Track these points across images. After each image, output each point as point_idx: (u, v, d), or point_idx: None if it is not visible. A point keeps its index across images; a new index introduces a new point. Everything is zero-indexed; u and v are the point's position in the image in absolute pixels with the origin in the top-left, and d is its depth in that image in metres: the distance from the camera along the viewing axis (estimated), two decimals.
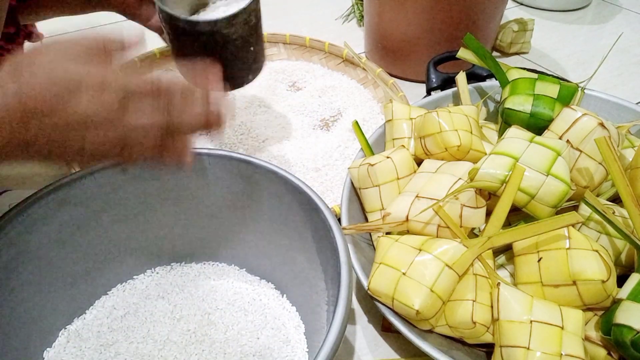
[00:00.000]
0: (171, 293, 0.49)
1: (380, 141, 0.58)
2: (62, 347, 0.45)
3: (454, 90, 0.63)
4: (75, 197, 0.45)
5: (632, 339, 0.35)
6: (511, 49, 0.94)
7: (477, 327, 0.39)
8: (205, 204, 0.49)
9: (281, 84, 0.80)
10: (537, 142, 0.45)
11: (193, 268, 0.52)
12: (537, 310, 0.38)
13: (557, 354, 0.36)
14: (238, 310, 0.47)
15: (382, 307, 0.42)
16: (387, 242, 0.44)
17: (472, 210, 0.43)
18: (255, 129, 0.71)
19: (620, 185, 0.41)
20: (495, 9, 0.81)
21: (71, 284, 0.47)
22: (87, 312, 0.48)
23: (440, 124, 0.49)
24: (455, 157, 0.50)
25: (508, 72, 0.57)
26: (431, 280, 0.40)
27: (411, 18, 0.79)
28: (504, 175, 0.42)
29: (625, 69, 0.92)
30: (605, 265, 0.38)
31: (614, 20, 1.10)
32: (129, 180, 0.47)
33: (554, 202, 0.42)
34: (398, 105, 0.57)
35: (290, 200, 0.45)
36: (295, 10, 1.13)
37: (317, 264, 0.44)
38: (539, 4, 1.13)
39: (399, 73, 0.86)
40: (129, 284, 0.50)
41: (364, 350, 0.47)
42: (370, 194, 0.50)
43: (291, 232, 0.47)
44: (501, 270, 0.45)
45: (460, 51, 0.60)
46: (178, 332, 0.45)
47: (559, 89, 0.52)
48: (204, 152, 0.47)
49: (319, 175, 0.64)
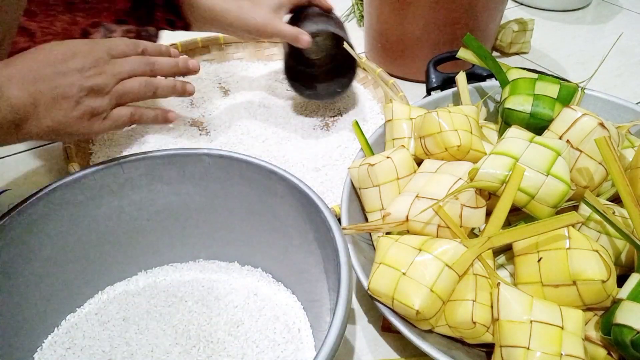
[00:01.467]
0: (171, 293, 0.49)
1: (380, 141, 0.58)
2: (58, 345, 0.45)
3: (454, 90, 0.63)
4: (75, 197, 0.45)
5: (632, 339, 0.35)
6: (511, 49, 0.94)
7: (477, 327, 0.39)
8: (204, 204, 0.49)
9: (281, 84, 0.80)
10: (537, 142, 0.45)
11: (193, 267, 0.52)
12: (537, 310, 0.38)
13: (557, 354, 0.36)
14: (237, 307, 0.47)
15: (382, 307, 0.42)
16: (387, 242, 0.44)
17: (472, 210, 0.43)
18: (255, 129, 0.71)
19: (620, 185, 0.41)
20: (495, 9, 0.81)
21: (71, 283, 0.47)
22: (85, 311, 0.48)
23: (440, 124, 0.49)
24: (455, 157, 0.50)
25: (508, 72, 0.57)
26: (431, 280, 0.40)
27: (411, 18, 0.79)
28: (504, 175, 0.42)
29: (625, 69, 0.92)
30: (605, 265, 0.38)
31: (614, 20, 1.10)
32: (128, 180, 0.47)
33: (554, 202, 0.42)
34: (398, 105, 0.57)
35: (290, 200, 0.45)
36: None
37: (317, 263, 0.44)
38: (539, 4, 1.13)
39: (399, 73, 0.86)
40: (128, 284, 0.50)
41: (364, 350, 0.47)
42: (370, 194, 0.50)
43: (291, 232, 0.47)
44: (501, 270, 0.45)
45: (460, 51, 0.60)
46: (179, 333, 0.45)
47: (559, 89, 0.52)
48: (204, 152, 0.47)
49: (319, 175, 0.64)
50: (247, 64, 0.85)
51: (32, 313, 0.44)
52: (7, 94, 0.38)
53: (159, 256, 0.52)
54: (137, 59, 0.47)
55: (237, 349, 0.44)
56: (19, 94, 0.39)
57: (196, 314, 0.47)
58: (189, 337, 0.45)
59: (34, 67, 0.40)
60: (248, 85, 0.80)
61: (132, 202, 0.48)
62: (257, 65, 0.85)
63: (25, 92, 0.39)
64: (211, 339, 0.45)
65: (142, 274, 0.51)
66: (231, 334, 0.45)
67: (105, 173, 0.45)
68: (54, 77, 0.41)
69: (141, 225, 0.49)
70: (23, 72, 0.39)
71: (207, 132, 0.71)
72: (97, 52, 0.44)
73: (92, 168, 0.45)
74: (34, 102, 0.39)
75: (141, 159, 0.46)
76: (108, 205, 0.47)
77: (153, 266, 0.52)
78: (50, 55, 0.42)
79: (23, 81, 0.39)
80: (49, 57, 0.41)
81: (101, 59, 0.44)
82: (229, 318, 0.46)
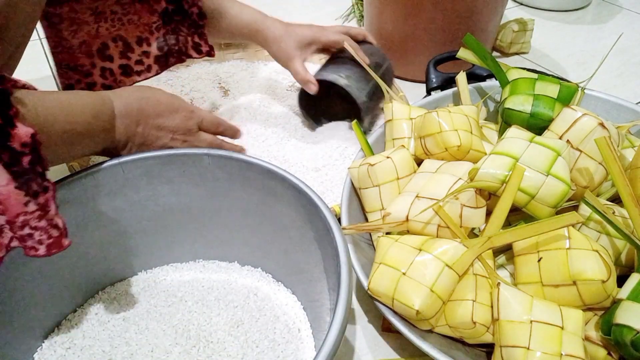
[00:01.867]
0: (171, 293, 0.49)
1: (380, 141, 0.58)
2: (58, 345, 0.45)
3: (454, 90, 0.63)
4: (75, 197, 0.45)
5: (632, 339, 0.35)
6: (511, 49, 0.94)
7: (477, 327, 0.39)
8: (204, 204, 0.49)
9: (281, 84, 0.80)
10: (537, 142, 0.45)
11: (193, 267, 0.52)
12: (537, 310, 0.38)
13: (557, 354, 0.36)
14: (237, 307, 0.47)
15: (382, 307, 0.42)
16: (387, 242, 0.44)
17: (472, 210, 0.43)
18: (255, 129, 0.71)
19: (620, 185, 0.41)
20: (495, 9, 0.81)
21: (71, 283, 0.47)
22: (85, 311, 0.48)
23: (440, 124, 0.49)
24: (455, 157, 0.50)
25: (508, 72, 0.57)
26: (431, 280, 0.40)
27: (411, 18, 0.79)
28: (504, 175, 0.42)
29: (625, 69, 0.92)
30: (605, 265, 0.38)
31: (614, 20, 1.10)
32: (128, 180, 0.47)
33: (554, 202, 0.42)
34: (398, 105, 0.57)
35: (290, 200, 0.45)
36: (295, 10, 1.13)
37: (317, 263, 0.44)
38: (539, 4, 1.13)
39: (399, 73, 0.86)
40: (128, 284, 0.50)
41: (364, 350, 0.47)
42: (370, 194, 0.50)
43: (291, 232, 0.47)
44: (501, 270, 0.45)
45: (460, 51, 0.60)
46: (179, 333, 0.45)
47: (559, 89, 0.52)
48: (204, 152, 0.47)
49: (319, 175, 0.64)
50: (247, 64, 0.85)
51: (32, 313, 0.44)
52: (115, 126, 0.45)
53: (159, 256, 0.52)
54: (212, 138, 0.53)
55: (237, 349, 0.44)
56: (122, 130, 0.45)
57: (196, 314, 0.47)
58: (189, 337, 0.45)
59: (145, 111, 0.47)
60: (248, 85, 0.80)
61: (132, 202, 0.48)
62: (257, 65, 0.85)
63: (127, 129, 0.46)
64: (211, 339, 0.45)
65: (142, 274, 0.51)
66: (231, 334, 0.45)
67: (105, 173, 0.45)
68: (152, 127, 0.47)
69: (141, 225, 0.49)
70: (134, 112, 0.46)
71: None
72: (193, 120, 0.50)
73: (92, 168, 0.45)
74: (127, 138, 0.46)
75: (141, 159, 0.46)
76: (108, 205, 0.47)
77: (153, 266, 0.52)
78: (161, 105, 0.48)
79: (130, 119, 0.46)
80: (159, 106, 0.48)
81: (192, 129, 0.50)
82: (228, 318, 0.46)
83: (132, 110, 0.46)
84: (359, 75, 0.66)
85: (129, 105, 0.46)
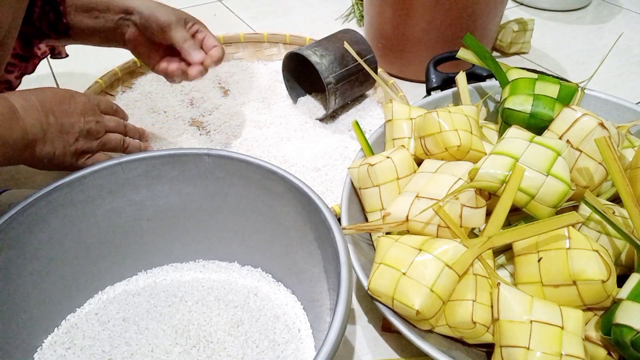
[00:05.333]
0: (171, 293, 0.49)
1: (380, 141, 0.58)
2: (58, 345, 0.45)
3: (454, 90, 0.63)
4: (75, 197, 0.45)
5: (632, 339, 0.35)
6: (511, 49, 0.94)
7: (477, 327, 0.39)
8: (204, 204, 0.49)
9: (281, 84, 0.80)
10: (537, 142, 0.45)
11: (193, 267, 0.52)
12: (537, 310, 0.38)
13: (557, 354, 0.36)
14: (237, 307, 0.47)
15: (382, 307, 0.42)
16: (387, 242, 0.44)
17: (472, 210, 0.43)
18: (255, 129, 0.71)
19: (620, 185, 0.41)
20: (495, 9, 0.81)
21: (71, 283, 0.47)
22: (85, 311, 0.48)
23: (440, 124, 0.49)
24: (455, 157, 0.50)
25: (508, 72, 0.57)
26: (431, 280, 0.40)
27: (411, 18, 0.79)
28: (504, 175, 0.42)
29: (625, 69, 0.92)
30: (605, 265, 0.38)
31: (614, 20, 1.10)
32: (128, 180, 0.47)
33: (554, 202, 0.42)
34: (398, 105, 0.57)
35: (290, 200, 0.45)
36: (295, 10, 1.13)
37: (317, 263, 0.44)
38: (539, 4, 1.13)
39: (399, 73, 0.86)
40: (128, 284, 0.50)
41: (364, 350, 0.47)
42: (370, 194, 0.50)
43: (291, 232, 0.47)
44: (501, 270, 0.45)
45: (460, 51, 0.60)
46: (179, 333, 0.45)
47: (559, 89, 0.52)
48: (204, 152, 0.47)
49: (319, 175, 0.64)
50: (247, 64, 0.85)
51: (32, 313, 0.44)
52: (24, 120, 0.45)
53: (159, 256, 0.52)
54: (116, 118, 0.55)
55: (237, 349, 0.44)
56: (33, 122, 0.45)
57: (196, 314, 0.47)
58: (189, 337, 0.45)
59: (46, 102, 0.47)
60: (248, 85, 0.80)
61: (132, 202, 0.48)
62: (257, 65, 0.85)
63: (38, 121, 0.46)
64: (211, 339, 0.45)
65: (142, 274, 0.51)
66: (231, 334, 0.45)
67: (105, 173, 0.45)
68: (61, 114, 0.48)
69: (141, 225, 0.49)
70: (36, 105, 0.46)
71: (207, 132, 0.71)
72: (91, 102, 0.52)
73: (92, 168, 0.45)
74: (43, 130, 0.46)
75: (141, 159, 0.46)
76: (108, 205, 0.47)
77: (153, 266, 0.52)
78: (58, 95, 0.49)
79: (37, 112, 0.46)
80: (57, 96, 0.49)
81: (96, 110, 0.53)
82: (228, 318, 0.46)
83: (34, 104, 0.46)
84: (334, 57, 0.69)
85: (29, 100, 0.46)
